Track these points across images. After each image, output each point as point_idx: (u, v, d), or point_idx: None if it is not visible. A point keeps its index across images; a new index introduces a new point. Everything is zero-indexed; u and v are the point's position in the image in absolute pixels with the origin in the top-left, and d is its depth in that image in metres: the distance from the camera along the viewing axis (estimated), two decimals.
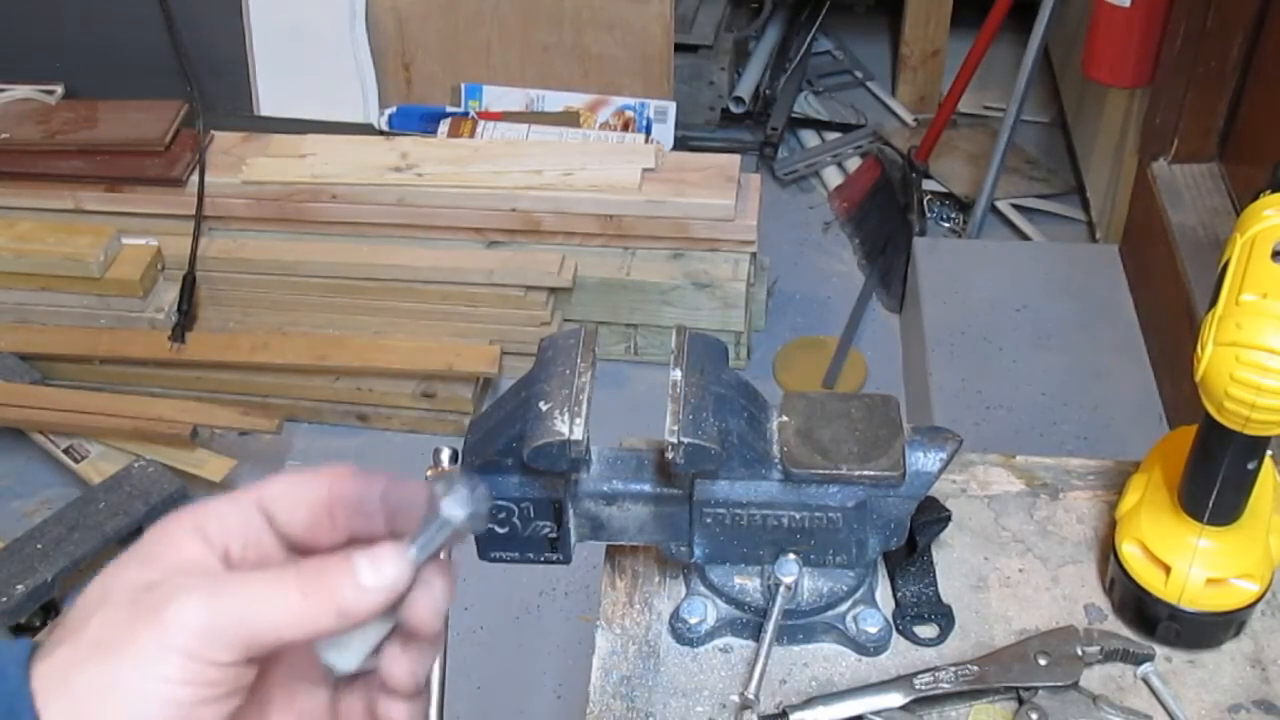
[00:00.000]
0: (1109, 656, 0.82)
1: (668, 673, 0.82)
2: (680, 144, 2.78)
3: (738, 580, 0.83)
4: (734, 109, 3.06)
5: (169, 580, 0.47)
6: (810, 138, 3.17)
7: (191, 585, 0.47)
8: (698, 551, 0.81)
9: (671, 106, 2.74)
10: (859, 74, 3.40)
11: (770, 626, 0.80)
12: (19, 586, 1.95)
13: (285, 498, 0.51)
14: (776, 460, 0.78)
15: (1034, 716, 0.77)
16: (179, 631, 0.45)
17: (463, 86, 2.76)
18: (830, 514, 0.78)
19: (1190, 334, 0.74)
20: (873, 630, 0.83)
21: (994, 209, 2.86)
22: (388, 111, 2.74)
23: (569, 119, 2.72)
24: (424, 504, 0.51)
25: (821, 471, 0.77)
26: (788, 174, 3.05)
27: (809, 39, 3.31)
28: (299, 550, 0.51)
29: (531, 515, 0.77)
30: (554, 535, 0.78)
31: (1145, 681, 0.81)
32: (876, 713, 0.78)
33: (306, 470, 0.51)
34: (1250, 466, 0.76)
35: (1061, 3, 2.56)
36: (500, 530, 0.78)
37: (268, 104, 2.77)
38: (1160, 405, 2.18)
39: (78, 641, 0.46)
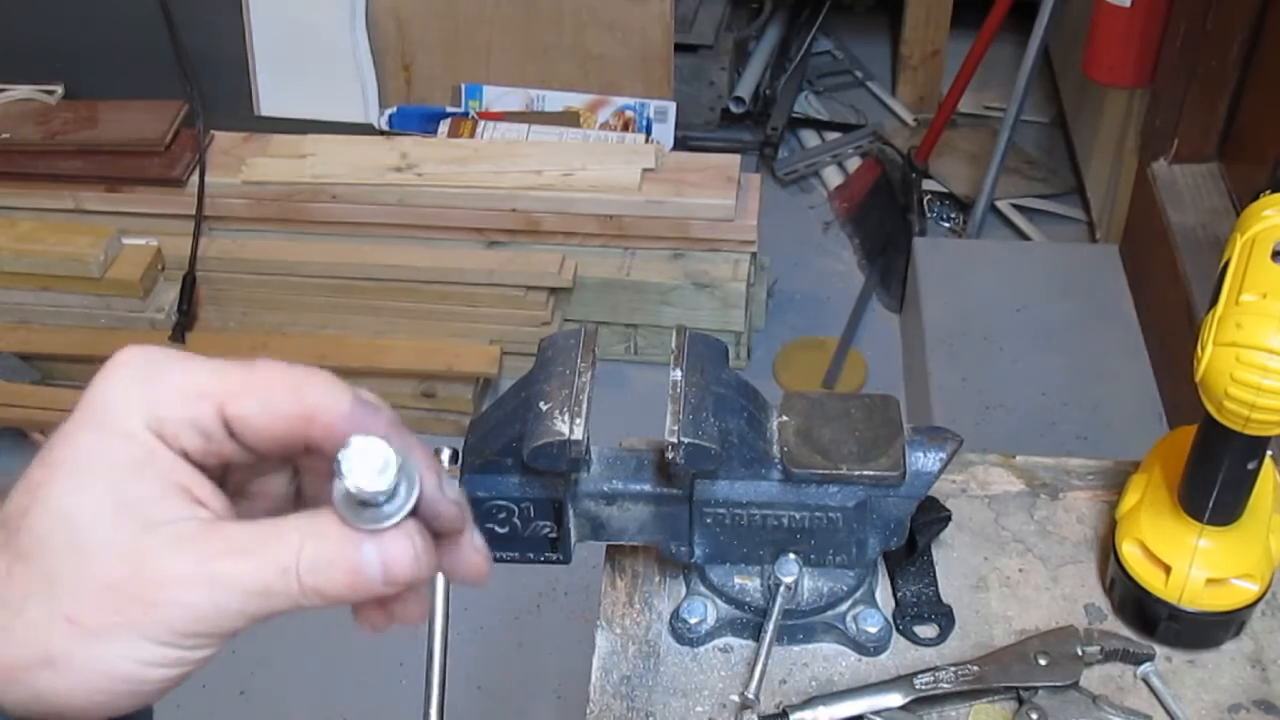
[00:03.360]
0: (1109, 656, 0.82)
1: (668, 673, 0.82)
2: (680, 144, 2.78)
3: (738, 580, 0.83)
4: (734, 109, 3.06)
5: (149, 536, 0.42)
6: (810, 138, 3.17)
7: (183, 557, 0.42)
8: (698, 551, 0.81)
9: (671, 106, 2.74)
10: (859, 74, 3.40)
11: (770, 626, 0.80)
12: None
13: (255, 417, 0.44)
14: (776, 460, 0.78)
15: (1034, 716, 0.77)
16: (175, 619, 0.42)
17: (463, 86, 2.77)
18: (830, 514, 0.78)
19: (1190, 334, 0.74)
20: (873, 630, 0.83)
21: (994, 209, 2.87)
22: (388, 111, 2.74)
23: (569, 119, 2.72)
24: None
25: (821, 471, 0.77)
26: (788, 174, 3.05)
27: (809, 39, 3.31)
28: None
29: (531, 515, 0.77)
30: (554, 535, 0.78)
31: (1145, 681, 0.81)
32: (876, 712, 0.78)
33: (285, 375, 0.45)
34: (1250, 466, 0.76)
35: (1061, 3, 2.56)
36: (500, 530, 0.78)
37: (268, 104, 2.77)
38: (1160, 405, 2.18)
39: (46, 610, 0.41)
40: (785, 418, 0.80)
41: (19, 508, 0.42)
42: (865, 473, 0.77)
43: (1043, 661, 0.79)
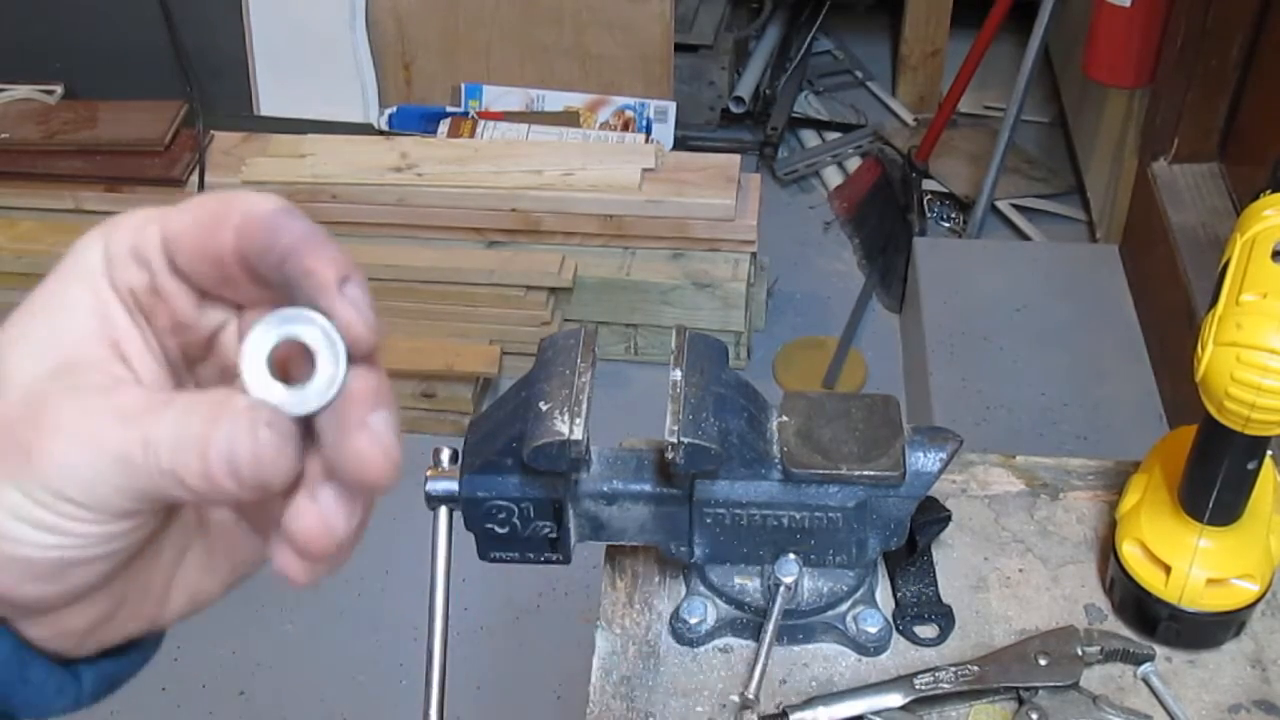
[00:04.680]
0: (1109, 656, 0.82)
1: (668, 673, 0.82)
2: (680, 144, 2.78)
3: (738, 580, 0.83)
4: (734, 109, 3.06)
5: (55, 380, 0.40)
6: (810, 138, 3.17)
7: (71, 419, 0.39)
8: (698, 551, 0.81)
9: (671, 106, 2.74)
10: (859, 74, 3.40)
11: (770, 626, 0.80)
12: None
13: (186, 230, 0.42)
14: (776, 460, 0.78)
15: (1034, 716, 0.77)
16: (54, 477, 0.39)
17: (463, 86, 2.77)
18: (830, 514, 0.78)
19: (1190, 334, 0.74)
20: (873, 630, 0.82)
21: (994, 209, 2.86)
22: (388, 111, 2.74)
23: (569, 119, 2.72)
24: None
25: (821, 471, 0.77)
26: (788, 174, 3.05)
27: (809, 39, 3.31)
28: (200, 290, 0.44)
29: (531, 515, 0.77)
30: (554, 535, 0.78)
31: (1145, 681, 0.81)
32: (876, 713, 0.77)
33: (222, 194, 0.43)
34: (1250, 466, 0.76)
35: (1061, 3, 2.56)
36: (500, 530, 0.78)
37: (268, 104, 2.77)
38: (1160, 405, 2.18)
39: None
40: (785, 418, 0.80)
41: None
42: (865, 473, 0.77)
43: (1043, 661, 0.79)
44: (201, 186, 2.43)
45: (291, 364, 0.41)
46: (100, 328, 0.42)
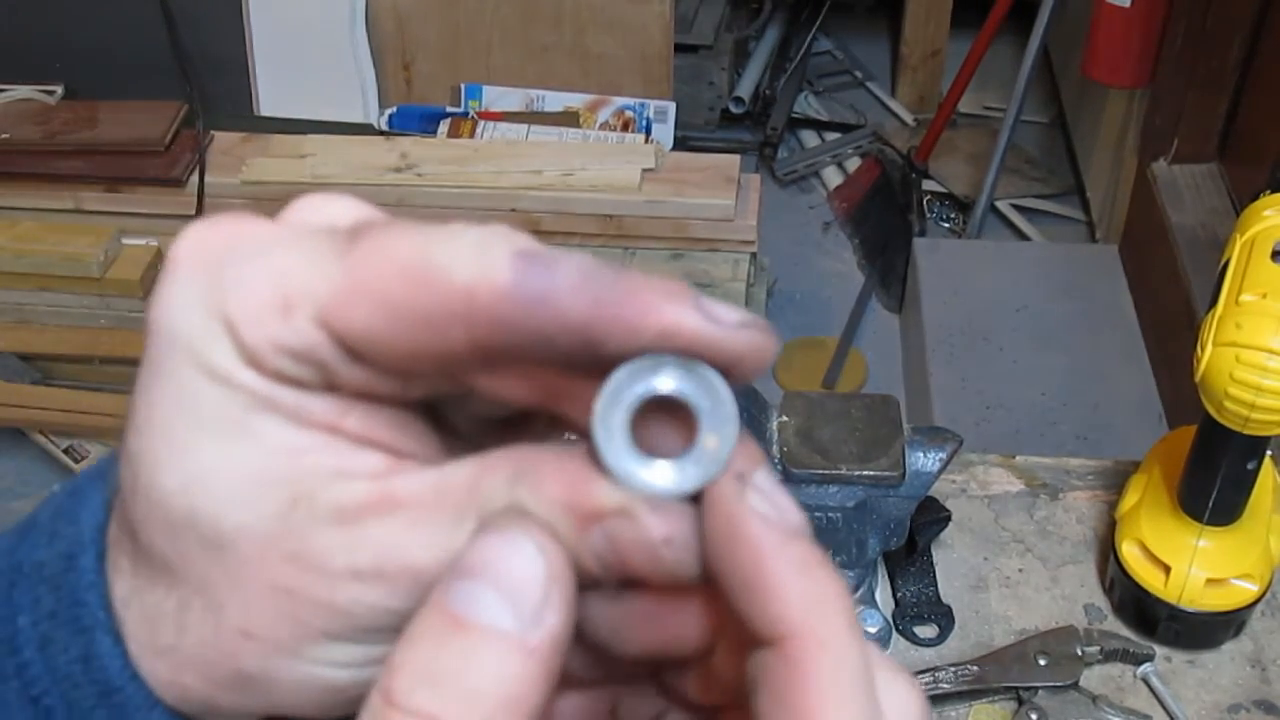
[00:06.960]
0: (1109, 656, 0.82)
1: None
2: (680, 144, 2.78)
3: None
4: (734, 109, 3.06)
5: (297, 513, 0.29)
6: (810, 138, 3.17)
7: (347, 548, 0.29)
8: None
9: (671, 106, 2.74)
10: (859, 74, 3.40)
11: None
12: None
13: (375, 330, 0.28)
14: (776, 460, 0.78)
15: (1034, 716, 0.77)
16: (364, 620, 0.30)
17: (463, 86, 2.77)
18: (830, 514, 0.78)
19: (1190, 334, 0.74)
20: (872, 630, 0.83)
21: (994, 209, 2.87)
22: (388, 111, 2.74)
23: (569, 119, 2.72)
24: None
25: (821, 471, 0.77)
26: (788, 174, 3.05)
27: (809, 39, 3.31)
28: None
29: None
30: None
31: (1145, 681, 0.81)
32: None
33: (401, 251, 0.28)
34: (1250, 466, 0.76)
35: (1061, 3, 2.56)
36: None
37: (268, 104, 2.77)
38: (1160, 405, 2.18)
39: (213, 626, 0.30)
40: (785, 418, 0.80)
41: (130, 496, 0.30)
42: (865, 473, 0.77)
43: (1042, 661, 0.79)
44: (201, 187, 2.43)
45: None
46: (296, 428, 0.29)
